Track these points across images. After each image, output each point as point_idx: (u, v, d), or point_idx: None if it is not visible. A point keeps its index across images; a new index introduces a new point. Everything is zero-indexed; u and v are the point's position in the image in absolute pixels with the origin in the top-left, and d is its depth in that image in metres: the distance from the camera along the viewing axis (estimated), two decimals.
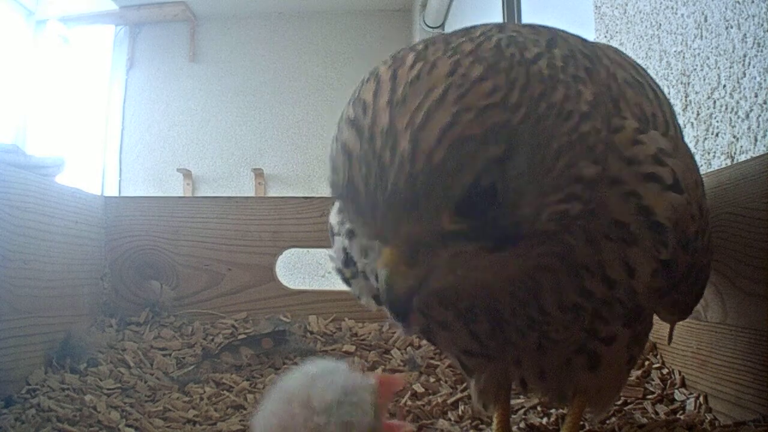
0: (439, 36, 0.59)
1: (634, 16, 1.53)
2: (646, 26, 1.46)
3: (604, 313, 0.68)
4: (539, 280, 0.66)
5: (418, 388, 1.20)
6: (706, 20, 1.20)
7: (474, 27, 0.62)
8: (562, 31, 0.69)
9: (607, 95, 0.63)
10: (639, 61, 1.48)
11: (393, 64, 0.56)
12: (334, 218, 0.78)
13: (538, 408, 1.08)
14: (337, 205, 0.77)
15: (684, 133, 1.28)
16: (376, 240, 0.55)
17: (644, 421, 0.99)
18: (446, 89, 0.52)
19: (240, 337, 1.50)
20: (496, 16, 3.26)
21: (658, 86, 0.77)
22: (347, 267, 0.78)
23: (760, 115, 1.04)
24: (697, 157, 1.23)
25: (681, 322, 1.00)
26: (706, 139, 1.21)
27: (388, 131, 0.52)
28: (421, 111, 0.51)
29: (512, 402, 0.95)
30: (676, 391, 1.09)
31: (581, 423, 0.85)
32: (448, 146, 0.51)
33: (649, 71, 1.43)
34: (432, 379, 1.26)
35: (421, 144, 0.51)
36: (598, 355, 0.74)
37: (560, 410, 1.04)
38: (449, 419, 1.07)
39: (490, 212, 0.54)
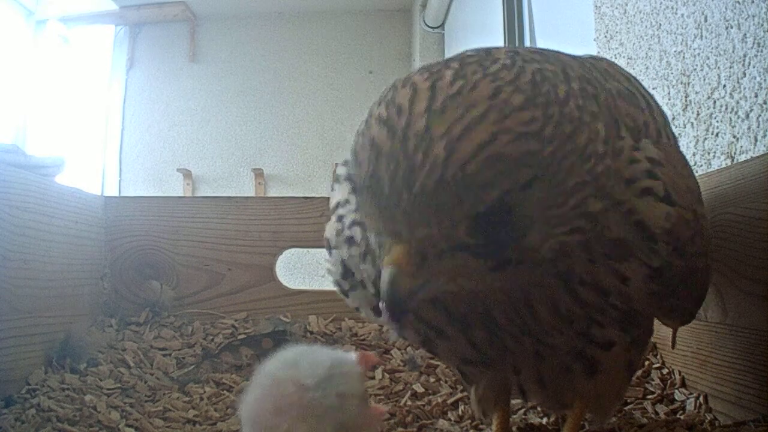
0: (468, 57, 0.61)
1: (634, 16, 1.53)
2: (646, 26, 1.46)
3: (599, 317, 0.69)
4: (532, 291, 0.67)
5: (418, 388, 1.20)
6: (706, 20, 1.20)
7: (494, 53, 0.63)
8: (561, 54, 0.72)
9: (610, 121, 0.65)
10: (639, 61, 1.49)
11: (430, 76, 0.57)
12: (330, 232, 0.78)
13: (538, 408, 1.08)
14: (333, 218, 0.77)
15: (684, 133, 1.29)
16: (389, 236, 0.56)
17: (644, 421, 0.99)
18: (488, 109, 0.53)
19: (240, 337, 1.50)
20: (497, 16, 3.26)
21: (650, 95, 0.79)
22: (345, 279, 0.78)
23: (760, 115, 1.04)
24: (697, 157, 1.24)
25: None
26: (706, 139, 1.21)
27: (423, 135, 0.53)
28: (461, 123, 0.53)
29: (512, 402, 0.95)
30: (676, 391, 1.09)
31: (582, 423, 0.85)
32: (483, 160, 0.52)
33: (649, 71, 1.44)
34: (432, 379, 1.26)
35: (456, 153, 0.52)
36: (596, 361, 0.74)
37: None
38: (449, 419, 1.07)
39: (501, 233, 0.56)
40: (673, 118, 1.33)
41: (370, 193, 0.55)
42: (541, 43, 2.91)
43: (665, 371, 1.16)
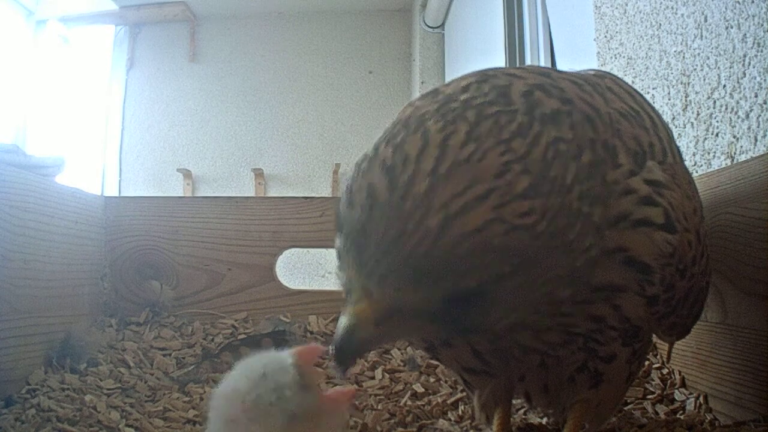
0: (487, 106, 0.58)
1: (634, 16, 1.53)
2: (646, 26, 1.46)
3: (597, 337, 0.70)
4: (513, 334, 0.68)
5: (418, 388, 1.20)
6: (706, 20, 1.20)
7: (513, 93, 0.61)
8: (570, 82, 0.70)
9: (604, 153, 0.64)
10: (639, 61, 1.49)
11: (444, 128, 0.56)
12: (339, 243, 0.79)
13: (538, 408, 1.08)
14: None
15: (684, 133, 1.29)
16: (360, 289, 0.56)
17: (644, 421, 0.99)
18: (490, 191, 0.52)
19: (240, 337, 1.50)
20: (497, 16, 3.26)
21: (654, 110, 0.78)
22: None
23: (760, 115, 1.04)
24: (697, 157, 1.24)
25: None
26: (706, 139, 1.21)
27: (422, 200, 0.52)
28: (460, 200, 0.52)
29: (513, 402, 0.95)
30: (676, 391, 1.09)
31: (582, 424, 0.85)
32: (472, 247, 0.52)
33: (649, 71, 1.44)
34: (432, 379, 1.26)
35: (449, 232, 0.52)
36: (600, 373, 0.74)
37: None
38: (449, 419, 1.07)
39: (467, 310, 0.57)
40: (673, 118, 1.33)
41: (355, 243, 0.55)
42: (542, 43, 2.91)
43: (665, 371, 1.16)
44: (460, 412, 1.09)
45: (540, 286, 0.57)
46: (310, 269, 4.59)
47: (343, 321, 0.56)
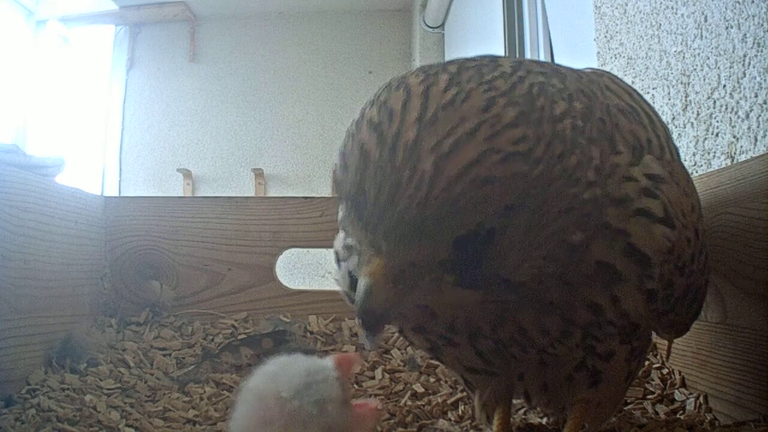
0: (469, 61, 0.59)
1: (634, 16, 1.53)
2: (646, 26, 1.46)
3: (595, 332, 0.70)
4: (517, 313, 0.67)
5: (418, 388, 1.20)
6: (706, 20, 1.20)
7: (499, 60, 0.61)
8: (564, 68, 0.70)
9: (604, 137, 0.63)
10: (639, 61, 1.49)
11: (425, 80, 0.56)
12: (338, 244, 0.78)
13: (538, 408, 1.08)
14: (340, 231, 0.77)
15: (684, 133, 1.29)
16: (369, 248, 0.56)
17: (644, 421, 0.99)
18: (478, 125, 0.52)
19: (240, 337, 1.50)
20: (497, 16, 3.26)
21: (652, 109, 0.78)
22: (353, 290, 0.78)
23: (760, 115, 1.04)
24: (697, 157, 1.24)
25: None
26: (706, 139, 1.21)
27: (412, 148, 0.52)
28: (450, 139, 0.52)
29: (513, 402, 0.95)
30: (676, 391, 1.09)
31: (582, 424, 0.85)
32: (469, 182, 0.51)
33: (649, 71, 1.44)
34: (432, 379, 1.26)
35: (443, 172, 0.51)
36: (599, 372, 0.74)
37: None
38: (449, 419, 1.07)
39: (480, 253, 0.56)
40: (673, 118, 1.33)
41: (354, 203, 0.55)
42: (541, 43, 2.91)
43: (665, 371, 1.16)
44: (460, 412, 1.09)
45: (549, 222, 0.57)
46: (310, 269, 4.59)
47: (361, 283, 0.56)
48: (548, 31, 2.78)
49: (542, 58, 2.89)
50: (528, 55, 3.01)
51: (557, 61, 2.60)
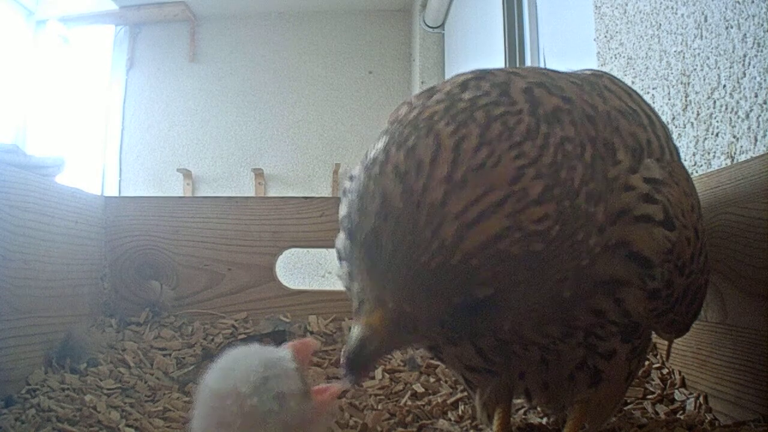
0: (494, 106, 0.58)
1: (634, 16, 1.53)
2: (646, 26, 1.46)
3: (597, 331, 0.70)
4: (517, 325, 0.68)
5: (418, 388, 1.20)
6: (706, 20, 1.20)
7: (515, 99, 0.60)
8: (565, 80, 0.70)
9: (604, 150, 0.64)
10: (639, 61, 1.49)
11: (456, 131, 0.54)
12: (339, 243, 0.79)
13: (538, 408, 1.08)
14: (341, 232, 0.78)
15: (684, 133, 1.29)
16: (373, 299, 0.56)
17: (644, 421, 0.99)
18: (506, 197, 0.52)
19: (240, 337, 1.50)
20: (497, 17, 3.26)
21: (652, 109, 0.78)
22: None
23: (760, 115, 1.04)
24: (697, 157, 1.24)
25: None
26: (706, 139, 1.21)
27: (437, 210, 0.52)
28: (476, 208, 0.51)
29: (513, 401, 0.95)
30: (676, 391, 1.09)
31: (582, 424, 0.85)
32: (488, 257, 0.52)
33: (649, 71, 1.44)
34: (432, 379, 1.26)
35: (464, 242, 0.51)
36: (600, 371, 0.75)
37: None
38: (449, 419, 1.07)
39: (478, 315, 0.57)
40: (673, 118, 1.33)
41: (367, 251, 0.55)
42: (542, 43, 2.91)
43: (665, 371, 1.16)
44: (460, 412, 1.09)
45: (545, 289, 0.57)
46: (310, 269, 4.59)
47: (356, 331, 0.56)
48: (537, 31, 2.78)
49: (542, 58, 2.89)
50: (528, 55, 3.00)
51: (557, 61, 2.60)
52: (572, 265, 0.58)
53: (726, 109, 1.14)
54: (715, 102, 1.17)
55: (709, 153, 1.20)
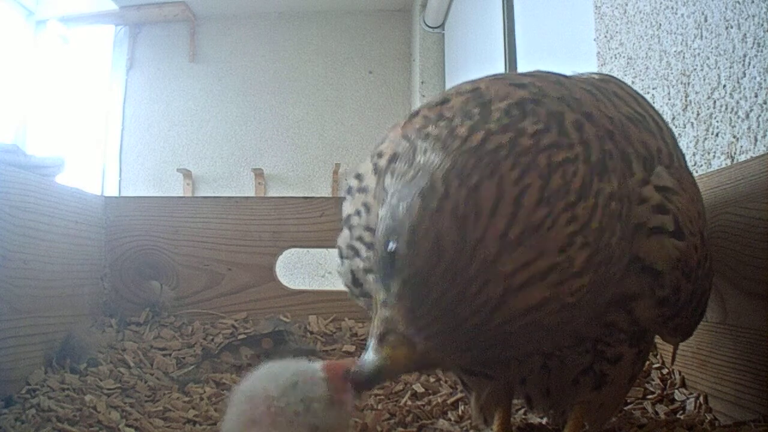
0: (554, 139, 0.57)
1: (634, 16, 1.53)
2: (646, 26, 1.46)
3: (607, 339, 0.71)
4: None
5: (418, 388, 1.20)
6: (706, 20, 1.20)
7: (569, 128, 0.59)
8: (578, 89, 0.70)
9: (623, 165, 0.64)
10: (639, 61, 1.49)
11: (520, 179, 0.53)
12: (342, 241, 0.79)
13: (538, 408, 1.08)
14: (344, 229, 0.78)
15: (684, 133, 1.29)
16: (402, 336, 0.56)
17: (644, 421, 0.99)
18: (552, 267, 0.52)
19: (240, 337, 1.50)
20: (497, 17, 3.26)
21: (659, 114, 0.78)
22: (356, 287, 0.79)
23: (760, 115, 1.04)
24: (697, 157, 1.24)
25: None
26: (706, 139, 1.21)
27: (488, 266, 0.51)
28: (524, 273, 0.51)
29: (513, 402, 0.95)
30: (676, 391, 1.09)
31: (582, 424, 0.85)
32: (524, 325, 0.53)
33: (649, 71, 1.44)
34: (432, 379, 1.26)
35: (506, 307, 0.52)
36: (605, 375, 0.75)
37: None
38: (449, 419, 1.07)
39: (496, 359, 0.61)
40: (673, 118, 1.33)
41: (412, 290, 0.54)
42: (541, 43, 2.91)
43: (665, 371, 1.16)
44: (460, 412, 1.09)
45: (566, 330, 0.59)
46: (310, 269, 4.59)
47: (375, 359, 0.57)
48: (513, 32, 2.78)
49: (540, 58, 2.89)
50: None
51: (556, 61, 2.59)
52: (593, 309, 0.59)
53: (726, 109, 1.14)
54: (715, 102, 1.17)
55: (709, 153, 1.20)
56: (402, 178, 0.59)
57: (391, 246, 0.56)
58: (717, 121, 1.17)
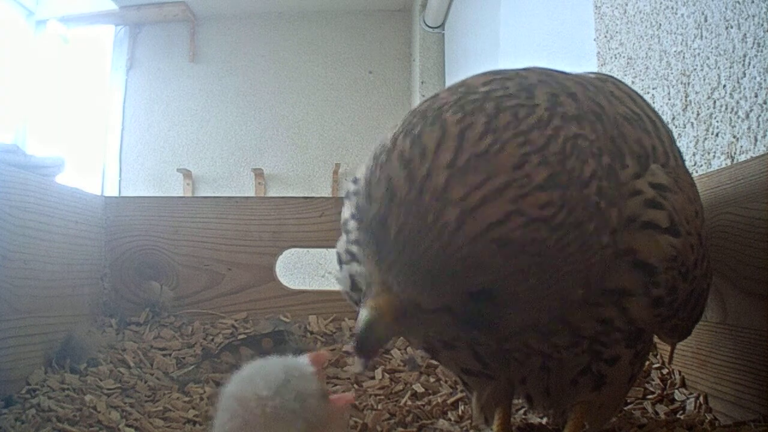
0: (508, 98, 0.57)
1: (634, 16, 1.53)
2: (646, 26, 1.46)
3: (602, 339, 0.70)
4: (522, 333, 0.68)
5: (418, 388, 1.20)
6: (706, 20, 1.20)
7: (535, 93, 0.59)
8: (576, 83, 0.69)
9: (617, 160, 0.63)
10: (639, 61, 1.49)
11: (462, 120, 0.54)
12: (341, 247, 0.79)
13: (539, 408, 1.08)
14: (343, 234, 0.78)
15: (684, 133, 1.29)
16: (379, 283, 0.56)
17: (644, 421, 0.99)
18: (508, 183, 0.52)
19: (240, 337, 1.50)
20: (496, 17, 3.26)
21: (656, 113, 0.78)
22: (355, 291, 0.79)
23: (760, 115, 1.04)
24: (697, 157, 1.24)
25: None
26: (706, 139, 1.21)
27: (439, 195, 0.52)
28: (478, 193, 0.51)
29: (513, 401, 0.96)
30: (676, 391, 1.09)
31: (583, 424, 0.85)
32: (489, 242, 0.51)
33: (649, 71, 1.44)
34: (432, 379, 1.26)
35: (465, 228, 0.51)
36: (603, 375, 0.75)
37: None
38: (449, 419, 1.07)
39: (482, 303, 0.57)
40: (673, 118, 1.33)
41: (373, 236, 0.55)
42: (541, 44, 2.91)
43: (665, 371, 1.16)
44: (460, 412, 1.09)
45: (554, 282, 0.56)
46: (310, 269, 4.59)
47: (364, 314, 0.57)
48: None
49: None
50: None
51: (556, 61, 2.59)
52: (581, 259, 0.56)
53: (726, 109, 1.14)
54: (715, 102, 1.17)
55: (709, 153, 1.20)
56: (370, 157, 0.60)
57: (356, 208, 0.58)
58: (717, 121, 1.17)
